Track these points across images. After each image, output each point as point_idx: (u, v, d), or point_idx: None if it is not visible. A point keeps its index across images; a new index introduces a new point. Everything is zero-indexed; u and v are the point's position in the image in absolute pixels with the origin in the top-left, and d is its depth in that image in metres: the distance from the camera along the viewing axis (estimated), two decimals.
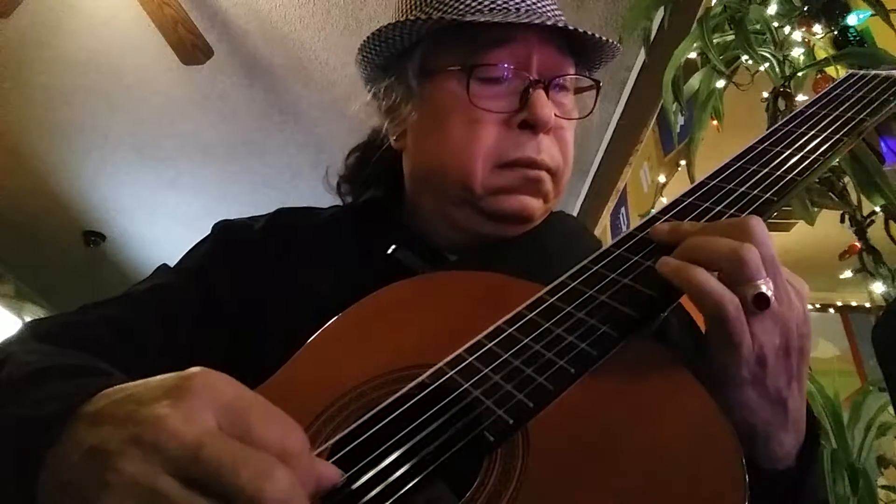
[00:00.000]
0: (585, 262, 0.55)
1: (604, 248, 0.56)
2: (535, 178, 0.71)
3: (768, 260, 0.47)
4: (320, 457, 0.43)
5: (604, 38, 0.73)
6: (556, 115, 0.72)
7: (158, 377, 0.39)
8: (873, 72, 0.66)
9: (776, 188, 0.56)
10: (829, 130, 0.60)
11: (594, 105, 0.79)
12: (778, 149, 0.60)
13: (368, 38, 0.76)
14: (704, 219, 0.55)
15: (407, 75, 0.76)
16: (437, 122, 0.74)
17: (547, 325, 0.49)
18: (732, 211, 0.55)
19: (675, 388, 0.45)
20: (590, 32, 0.72)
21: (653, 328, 0.50)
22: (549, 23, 0.70)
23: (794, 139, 0.60)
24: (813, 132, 0.60)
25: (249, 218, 0.84)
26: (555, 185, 0.74)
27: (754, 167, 0.59)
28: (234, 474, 0.33)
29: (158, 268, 0.77)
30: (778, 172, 0.57)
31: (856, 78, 0.66)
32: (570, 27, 0.71)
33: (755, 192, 0.56)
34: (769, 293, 0.46)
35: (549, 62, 0.73)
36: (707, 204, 0.56)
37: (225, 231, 0.81)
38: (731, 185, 0.58)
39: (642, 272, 0.51)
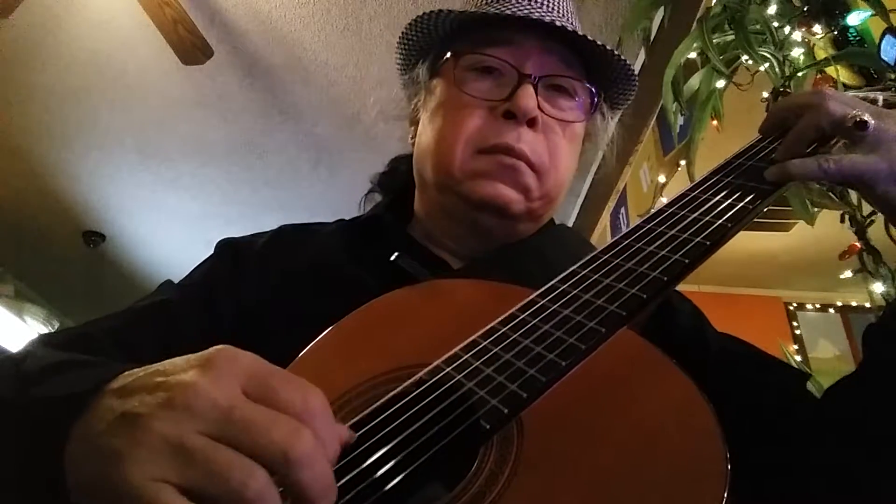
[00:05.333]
0: (574, 266, 0.58)
1: (591, 254, 0.60)
2: (510, 165, 0.73)
3: (852, 103, 0.58)
4: None
5: (612, 51, 0.76)
6: (545, 113, 0.75)
7: (181, 357, 0.40)
8: None
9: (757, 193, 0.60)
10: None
11: (593, 110, 0.81)
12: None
13: (404, 30, 0.82)
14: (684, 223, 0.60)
15: (420, 72, 0.82)
16: (434, 113, 0.79)
17: (538, 323, 0.52)
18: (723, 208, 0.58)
19: (659, 376, 0.48)
20: (599, 43, 0.75)
21: (640, 320, 0.53)
22: (545, 20, 0.74)
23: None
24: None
25: (252, 235, 0.85)
26: (539, 183, 0.75)
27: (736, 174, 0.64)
28: (266, 433, 0.35)
29: (162, 284, 0.78)
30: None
31: None
32: (573, 30, 0.75)
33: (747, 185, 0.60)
34: (867, 117, 0.56)
35: (546, 65, 0.76)
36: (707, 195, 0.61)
37: (228, 247, 0.82)
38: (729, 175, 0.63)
39: (625, 273, 0.55)
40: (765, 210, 0.61)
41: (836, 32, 1.41)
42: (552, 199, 0.79)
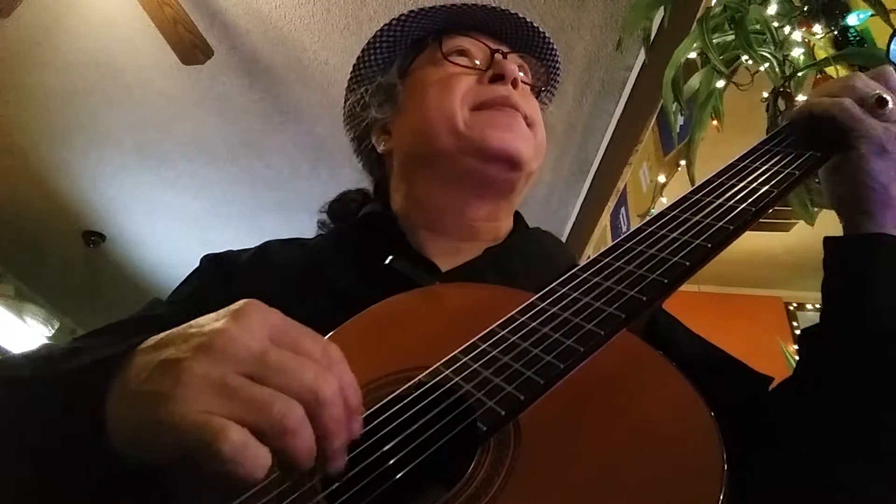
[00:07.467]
0: (574, 269, 0.58)
1: (593, 257, 0.60)
2: (512, 113, 0.80)
3: (874, 85, 0.66)
4: None
5: (537, 28, 0.87)
6: (521, 80, 0.84)
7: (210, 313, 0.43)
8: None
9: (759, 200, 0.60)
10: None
11: (549, 79, 0.94)
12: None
13: (377, 33, 0.88)
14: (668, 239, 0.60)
15: (394, 73, 0.88)
16: (418, 95, 0.84)
17: (537, 325, 0.52)
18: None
19: (656, 377, 0.48)
20: (531, 21, 0.87)
21: (641, 322, 0.53)
22: (489, 6, 0.85)
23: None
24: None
25: (237, 250, 0.86)
26: (533, 135, 0.83)
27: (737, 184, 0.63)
28: (297, 375, 0.39)
29: (150, 301, 0.79)
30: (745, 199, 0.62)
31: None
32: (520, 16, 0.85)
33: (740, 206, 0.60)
34: (887, 97, 0.64)
35: (504, 45, 0.87)
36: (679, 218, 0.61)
37: (212, 262, 0.83)
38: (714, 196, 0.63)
39: (624, 275, 0.55)
40: (769, 211, 0.60)
41: (836, 32, 1.41)
42: (539, 155, 0.85)
